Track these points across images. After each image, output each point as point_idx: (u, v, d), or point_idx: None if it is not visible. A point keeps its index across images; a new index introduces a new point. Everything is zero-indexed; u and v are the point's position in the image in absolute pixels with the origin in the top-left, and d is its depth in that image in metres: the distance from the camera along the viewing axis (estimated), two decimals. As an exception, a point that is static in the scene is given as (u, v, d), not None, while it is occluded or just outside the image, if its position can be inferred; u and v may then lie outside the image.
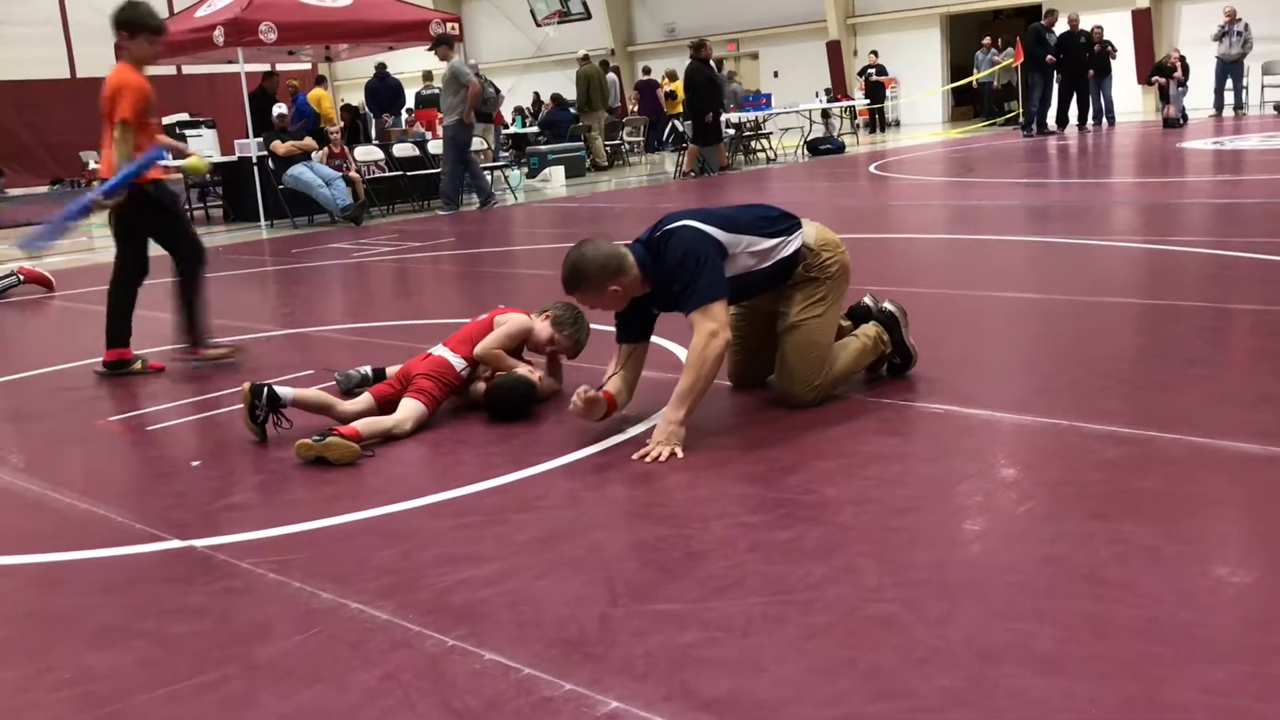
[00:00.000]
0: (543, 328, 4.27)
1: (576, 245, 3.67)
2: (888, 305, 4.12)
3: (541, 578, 2.60)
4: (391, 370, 4.27)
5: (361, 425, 3.75)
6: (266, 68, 15.15)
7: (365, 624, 2.43)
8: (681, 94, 18.49)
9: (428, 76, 20.74)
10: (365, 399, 4.05)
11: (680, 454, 3.43)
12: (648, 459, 3.41)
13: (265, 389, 3.87)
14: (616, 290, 3.62)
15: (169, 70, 24.84)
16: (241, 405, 3.89)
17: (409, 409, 3.92)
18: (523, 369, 4.18)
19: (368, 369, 4.47)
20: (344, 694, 2.13)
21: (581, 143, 18.72)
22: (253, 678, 2.23)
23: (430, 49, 12.61)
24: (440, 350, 4.16)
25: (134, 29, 5.20)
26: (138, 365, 5.37)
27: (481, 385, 4.16)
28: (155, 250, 5.56)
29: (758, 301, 3.95)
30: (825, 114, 21.12)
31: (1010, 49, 22.12)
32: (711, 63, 15.72)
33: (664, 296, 3.74)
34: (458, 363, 4.11)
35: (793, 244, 3.81)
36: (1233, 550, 2.53)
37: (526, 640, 2.29)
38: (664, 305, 3.79)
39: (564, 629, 2.33)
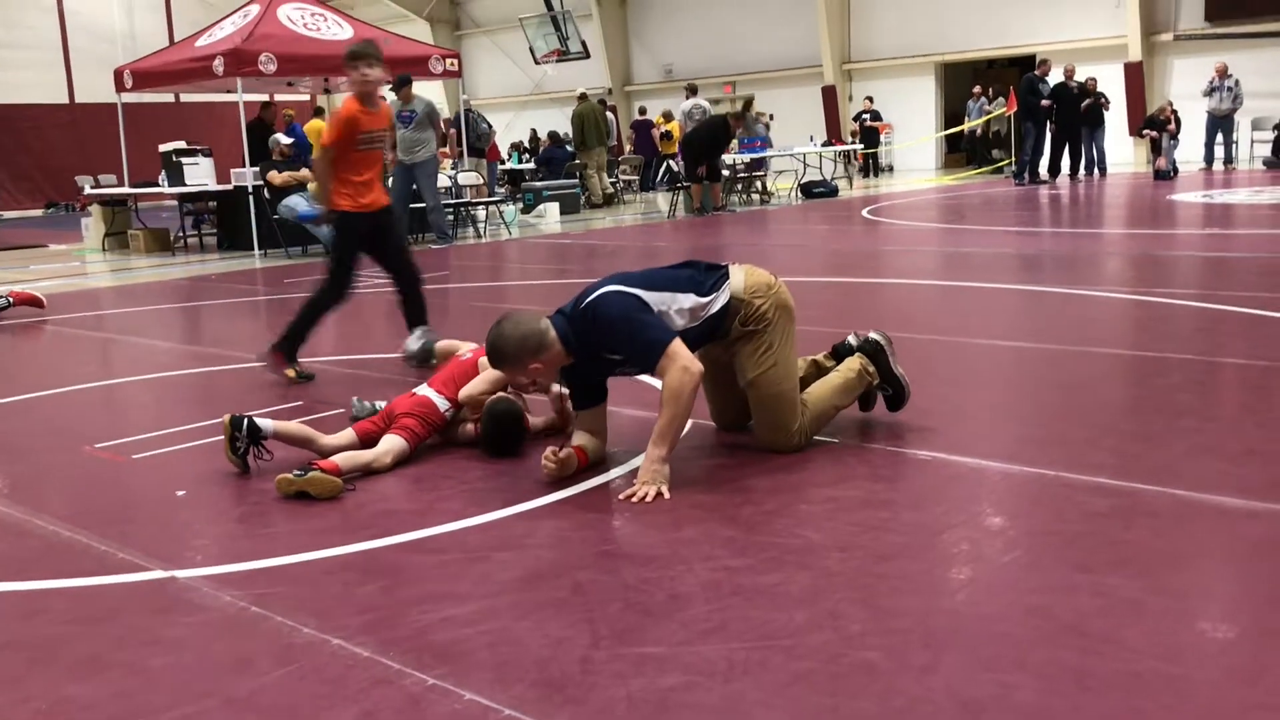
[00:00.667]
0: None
1: (496, 322, 3.61)
2: (872, 334, 4.11)
3: (523, 618, 2.59)
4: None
5: (341, 459, 3.74)
6: (265, 98, 15.23)
7: (346, 660, 2.41)
8: (677, 134, 18.66)
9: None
10: (347, 434, 4.04)
11: (666, 493, 3.43)
12: (634, 499, 3.41)
13: (245, 420, 3.86)
14: (538, 367, 3.58)
15: (167, 98, 24.98)
16: (223, 437, 3.88)
17: (389, 444, 3.91)
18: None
19: (382, 404, 4.41)
20: (322, 731, 2.12)
21: (577, 180, 18.82)
22: (231, 712, 2.21)
23: (392, 89, 12.67)
24: (424, 390, 4.16)
25: (346, 58, 5.39)
26: (291, 373, 5.49)
27: (470, 427, 4.16)
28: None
29: (705, 351, 3.83)
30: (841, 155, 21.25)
31: (1001, 99, 22.34)
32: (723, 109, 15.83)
33: (599, 365, 3.70)
34: (441, 403, 4.10)
35: (721, 298, 3.73)
36: (1217, 605, 2.53)
37: (507, 681, 2.28)
38: (602, 372, 3.77)
39: (545, 670, 2.32)
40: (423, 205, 12.75)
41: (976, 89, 23.88)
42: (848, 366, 4.02)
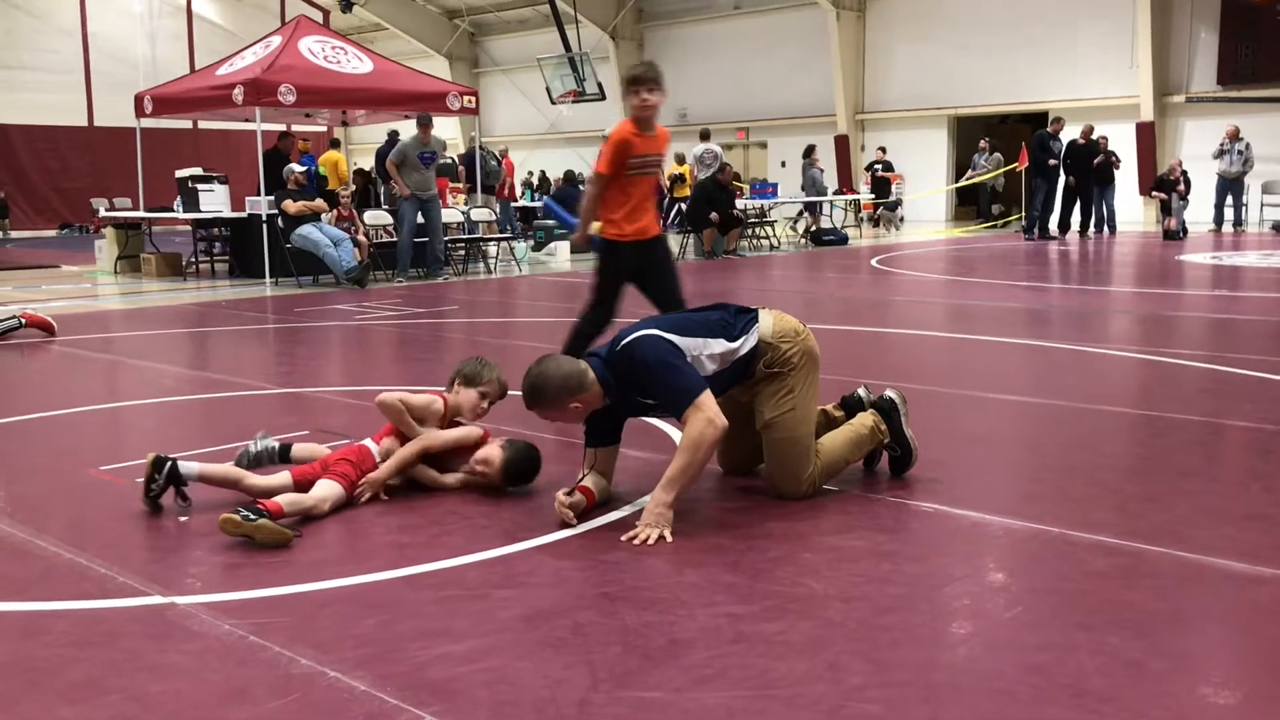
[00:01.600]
0: (466, 395, 4.19)
1: (536, 362, 3.68)
2: (888, 393, 4.13)
3: (522, 657, 2.58)
4: (300, 449, 4.16)
5: (284, 501, 3.61)
6: (282, 127, 15.37)
7: (343, 693, 2.41)
8: (689, 177, 18.80)
9: (441, 147, 21.02)
10: (282, 477, 3.90)
11: (669, 537, 3.42)
12: (635, 541, 3.41)
13: (169, 463, 3.77)
14: (577, 407, 3.64)
15: (185, 124, 25.22)
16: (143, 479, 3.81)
17: (326, 489, 3.79)
18: (436, 433, 4.07)
19: (275, 443, 4.22)
20: (316, 765, 2.11)
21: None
22: (225, 742, 2.20)
23: (418, 126, 13.08)
24: (365, 442, 4.09)
25: (626, 82, 5.13)
26: None
27: (496, 451, 4.04)
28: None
29: (729, 394, 3.89)
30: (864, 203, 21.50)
31: (997, 154, 22.47)
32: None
33: (630, 406, 3.76)
34: (376, 451, 4.03)
35: (750, 341, 3.79)
36: (1217, 669, 2.52)
37: (504, 720, 2.27)
38: (631, 413, 3.81)
39: (543, 711, 2.31)
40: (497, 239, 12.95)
41: (982, 143, 24.10)
42: (860, 422, 4.03)
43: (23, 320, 8.41)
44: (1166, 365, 6.41)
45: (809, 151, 19.77)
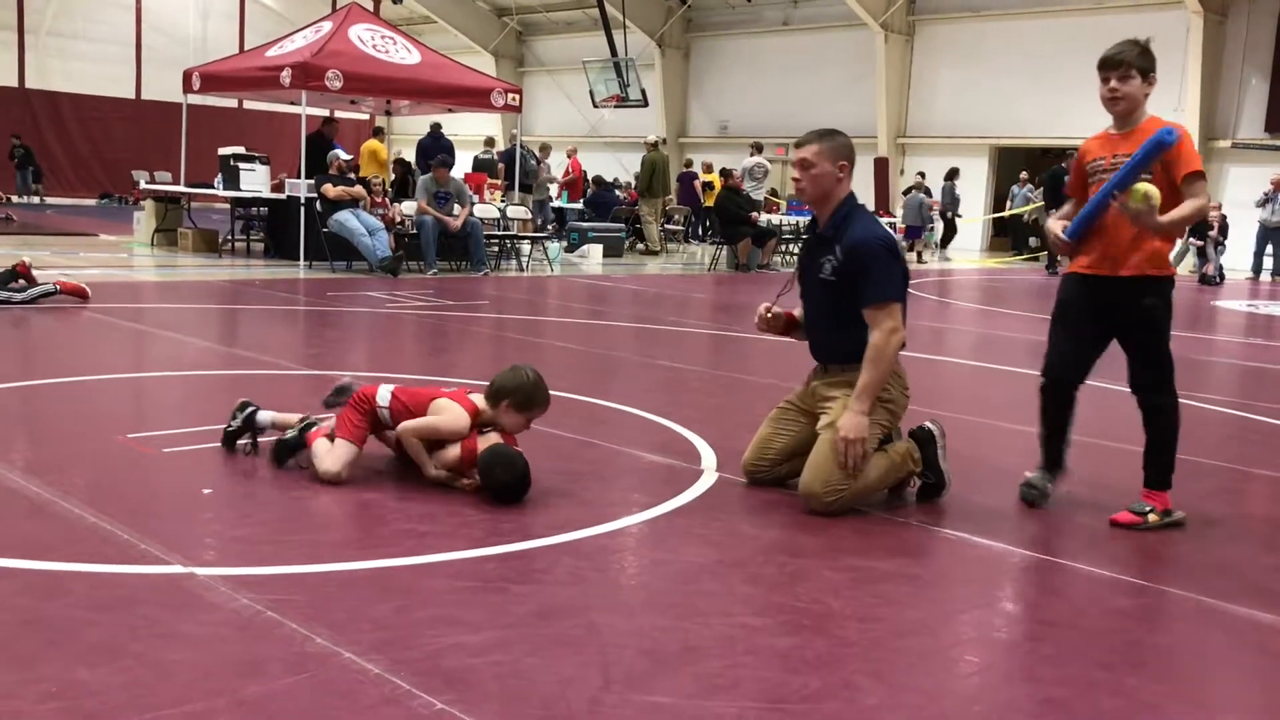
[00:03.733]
0: (512, 419, 3.98)
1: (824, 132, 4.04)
2: (927, 424, 4.11)
3: (534, 653, 2.58)
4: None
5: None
6: (326, 113, 15.46)
7: (357, 675, 2.41)
8: (718, 186, 18.82)
9: (489, 142, 21.15)
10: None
11: (869, 450, 3.80)
12: (841, 448, 3.74)
13: (251, 409, 4.20)
14: (845, 164, 3.99)
15: (230, 103, 25.41)
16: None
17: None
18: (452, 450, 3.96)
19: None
20: (327, 744, 2.11)
21: (622, 225, 18.92)
22: (239, 714, 2.21)
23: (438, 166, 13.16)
24: (382, 390, 4.07)
25: (1099, 66, 4.08)
26: None
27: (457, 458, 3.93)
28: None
29: (805, 404, 4.10)
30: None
31: (1042, 188, 22.33)
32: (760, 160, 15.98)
33: (815, 267, 4.03)
34: (382, 403, 4.03)
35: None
36: (1237, 718, 2.49)
37: (514, 714, 2.27)
38: (808, 276, 4.10)
39: (552, 708, 2.31)
40: (453, 236, 12.97)
41: (1023, 175, 23.94)
42: (895, 449, 4.01)
43: (57, 287, 8.49)
44: (1196, 409, 6.35)
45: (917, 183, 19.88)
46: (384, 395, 4.06)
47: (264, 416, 4.25)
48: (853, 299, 3.92)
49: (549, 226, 18.75)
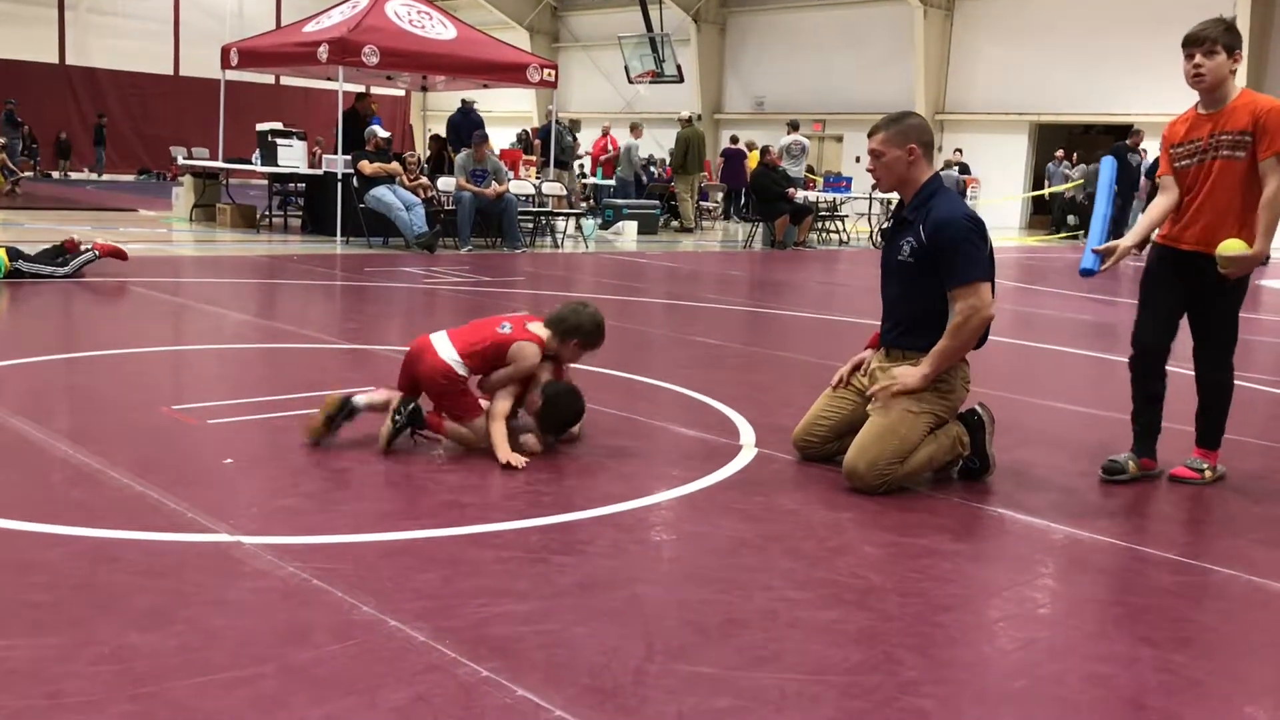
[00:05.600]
0: (573, 353, 4.27)
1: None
2: (977, 408, 4.08)
3: (579, 623, 2.60)
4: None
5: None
6: (362, 89, 15.50)
7: (402, 643, 2.44)
8: (754, 164, 18.73)
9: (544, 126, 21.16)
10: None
11: (916, 408, 3.81)
12: (878, 388, 3.86)
13: (350, 404, 4.04)
14: (911, 158, 3.97)
15: (267, 79, 25.54)
16: (319, 411, 4.02)
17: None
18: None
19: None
20: (374, 709, 2.14)
21: (657, 201, 18.87)
22: (286, 679, 2.24)
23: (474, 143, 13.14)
24: (445, 349, 4.08)
25: (1183, 44, 3.98)
26: None
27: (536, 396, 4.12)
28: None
29: (860, 385, 4.11)
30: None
31: (1083, 165, 22.07)
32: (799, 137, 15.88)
33: (901, 244, 4.01)
34: (461, 371, 4.06)
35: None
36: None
37: (560, 683, 2.28)
38: (892, 253, 4.06)
39: (598, 677, 2.32)
40: (488, 214, 13.03)
41: (1059, 152, 23.61)
42: (944, 432, 3.97)
43: (97, 252, 8.58)
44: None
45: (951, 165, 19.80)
46: (452, 357, 4.04)
47: (359, 400, 4.10)
48: (930, 281, 3.91)
49: (584, 204, 18.75)
